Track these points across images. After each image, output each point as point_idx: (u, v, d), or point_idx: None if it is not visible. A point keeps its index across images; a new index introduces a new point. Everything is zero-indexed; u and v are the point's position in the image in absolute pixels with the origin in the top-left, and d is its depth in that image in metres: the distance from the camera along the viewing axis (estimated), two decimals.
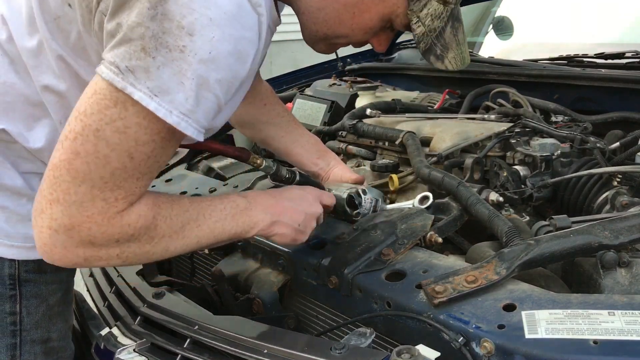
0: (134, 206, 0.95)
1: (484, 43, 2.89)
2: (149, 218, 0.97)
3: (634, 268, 1.06)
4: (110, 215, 0.93)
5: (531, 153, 1.53)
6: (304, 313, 1.35)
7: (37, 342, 1.17)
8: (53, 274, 1.16)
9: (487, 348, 0.94)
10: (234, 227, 1.10)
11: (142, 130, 0.90)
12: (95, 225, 0.92)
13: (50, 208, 0.91)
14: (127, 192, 0.93)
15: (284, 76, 2.77)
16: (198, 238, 1.05)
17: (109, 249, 0.95)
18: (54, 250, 0.93)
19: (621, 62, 2.07)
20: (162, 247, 1.01)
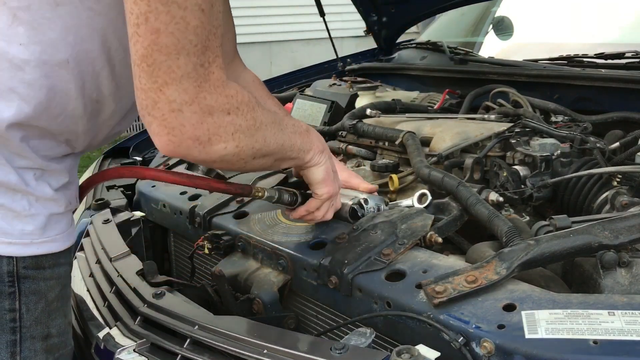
0: (229, 83, 1.00)
1: (484, 43, 2.89)
2: (246, 95, 1.03)
3: (634, 268, 1.06)
4: (214, 84, 0.96)
5: (531, 153, 1.53)
6: (304, 313, 1.35)
7: (37, 339, 1.16)
8: (51, 269, 1.15)
9: (487, 348, 0.94)
10: (300, 144, 1.18)
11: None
12: (208, 94, 0.95)
13: (163, 94, 0.92)
14: (214, 53, 0.96)
15: (284, 76, 2.78)
16: (283, 141, 1.13)
17: (226, 124, 0.99)
18: (183, 132, 0.95)
19: (621, 62, 2.07)
20: (262, 134, 1.07)
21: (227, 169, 1.12)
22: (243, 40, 8.16)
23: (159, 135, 0.96)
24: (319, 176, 1.26)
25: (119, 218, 1.72)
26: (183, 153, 0.99)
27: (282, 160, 1.19)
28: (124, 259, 1.47)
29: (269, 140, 1.10)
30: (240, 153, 1.05)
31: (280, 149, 1.14)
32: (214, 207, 1.57)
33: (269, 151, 1.12)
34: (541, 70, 2.11)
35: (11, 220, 1.10)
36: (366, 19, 2.72)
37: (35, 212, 1.10)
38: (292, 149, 1.17)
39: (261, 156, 1.11)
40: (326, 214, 1.33)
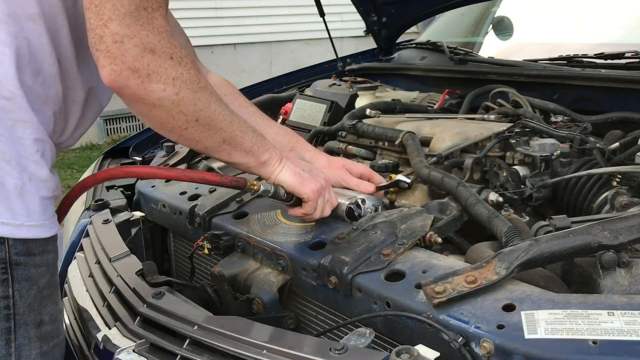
0: (174, 37, 1.08)
1: (483, 43, 2.89)
2: (190, 56, 1.11)
3: (634, 268, 1.06)
4: (157, 28, 1.05)
5: (531, 153, 1.53)
6: (304, 313, 1.35)
7: (30, 326, 1.17)
8: (40, 256, 1.17)
9: (487, 348, 0.94)
10: (254, 139, 1.23)
11: None
12: (150, 34, 1.04)
13: (108, 28, 1.02)
14: (157, 3, 1.06)
15: (284, 76, 2.78)
16: (231, 120, 1.18)
17: (168, 65, 1.06)
18: (124, 62, 1.03)
19: (621, 62, 2.07)
20: (206, 96, 1.13)
21: (168, 127, 1.13)
22: (243, 40, 8.19)
23: (103, 67, 1.04)
24: (291, 179, 1.28)
25: (118, 218, 1.72)
26: (122, 83, 1.05)
27: (233, 147, 1.21)
28: (123, 259, 1.47)
29: (214, 108, 1.15)
30: (181, 104, 1.10)
31: (229, 127, 1.18)
32: (213, 207, 1.57)
33: (215, 121, 1.15)
34: (541, 70, 2.11)
35: (3, 199, 1.10)
36: (366, 19, 2.72)
37: (27, 192, 1.12)
38: (244, 137, 1.21)
39: (206, 124, 1.15)
40: (323, 211, 1.34)
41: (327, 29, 2.68)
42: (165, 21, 1.08)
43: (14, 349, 1.14)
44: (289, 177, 1.29)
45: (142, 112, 1.13)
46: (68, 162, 6.38)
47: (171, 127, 1.14)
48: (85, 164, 5.94)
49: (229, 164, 1.29)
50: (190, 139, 1.17)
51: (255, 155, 1.25)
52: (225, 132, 1.19)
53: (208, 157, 1.96)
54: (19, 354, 1.14)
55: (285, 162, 1.29)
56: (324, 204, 1.33)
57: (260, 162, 1.26)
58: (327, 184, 1.34)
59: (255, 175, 1.33)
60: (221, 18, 7.85)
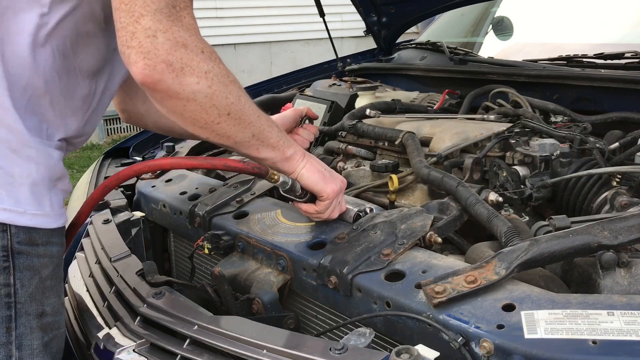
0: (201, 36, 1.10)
1: (483, 43, 2.89)
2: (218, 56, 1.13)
3: (633, 268, 1.06)
4: (186, 25, 1.07)
5: (530, 153, 1.53)
6: (304, 313, 1.35)
7: (32, 316, 1.17)
8: (44, 247, 1.18)
9: (487, 348, 0.94)
10: (280, 134, 1.25)
11: None
12: (181, 29, 1.06)
13: (140, 24, 1.04)
14: (184, 3, 1.09)
15: (284, 76, 2.78)
16: (259, 114, 1.20)
17: (200, 59, 1.08)
18: (157, 55, 1.04)
19: (620, 62, 2.07)
20: (236, 90, 1.15)
21: (201, 122, 1.14)
22: (243, 41, 8.18)
23: (135, 63, 1.05)
24: (315, 177, 1.29)
25: (119, 218, 1.72)
26: (157, 77, 1.05)
27: (261, 142, 1.22)
28: (123, 259, 1.47)
29: (244, 102, 1.16)
30: (214, 97, 1.11)
31: (258, 121, 1.19)
32: (214, 207, 1.57)
33: (245, 115, 1.17)
34: (541, 71, 2.11)
35: (7, 186, 1.11)
36: (366, 19, 2.72)
37: (33, 181, 1.13)
38: (271, 132, 1.23)
39: (237, 117, 1.16)
40: (332, 213, 1.35)
41: (327, 29, 2.68)
42: (194, 19, 1.10)
43: (15, 338, 1.15)
44: (313, 174, 1.30)
45: (175, 109, 1.12)
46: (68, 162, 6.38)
47: (204, 122, 1.14)
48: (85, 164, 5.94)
49: (255, 160, 1.29)
50: (222, 134, 1.18)
51: (281, 150, 1.25)
52: (254, 126, 1.19)
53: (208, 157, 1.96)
54: (20, 342, 1.15)
55: (308, 158, 1.30)
56: (335, 206, 1.35)
57: (285, 157, 1.27)
58: (343, 186, 1.36)
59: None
60: (221, 18, 7.85)
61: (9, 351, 1.14)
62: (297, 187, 1.29)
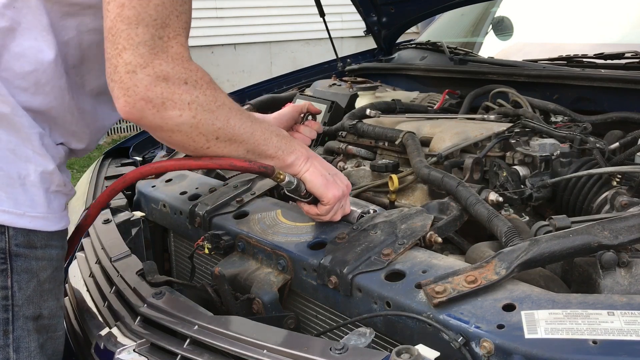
0: (191, 61, 1.09)
1: (483, 43, 2.89)
2: (209, 77, 1.11)
3: (634, 268, 1.06)
4: (172, 56, 1.06)
5: (531, 153, 1.53)
6: (304, 313, 1.35)
7: (29, 319, 1.17)
8: (43, 250, 1.17)
9: (487, 348, 0.94)
10: (278, 144, 1.23)
11: None
12: (164, 62, 1.05)
13: (122, 57, 1.03)
14: (175, 32, 1.06)
15: (284, 76, 2.78)
16: (252, 130, 1.18)
17: (182, 91, 1.06)
18: (137, 92, 1.04)
19: (620, 62, 2.07)
20: (224, 114, 1.13)
21: (190, 148, 1.15)
22: (243, 41, 8.18)
23: (117, 98, 1.05)
24: (317, 181, 1.29)
25: (119, 218, 1.72)
26: (138, 115, 1.06)
27: (258, 155, 1.22)
28: (124, 259, 1.47)
29: (234, 123, 1.15)
30: (199, 126, 1.10)
31: (251, 137, 1.18)
32: (214, 207, 1.57)
33: (236, 136, 1.16)
34: (541, 71, 2.12)
35: (6, 187, 1.11)
36: (366, 19, 2.73)
37: (32, 183, 1.13)
38: (267, 144, 1.21)
39: (227, 139, 1.15)
40: (335, 216, 1.36)
41: (327, 29, 2.68)
42: (183, 47, 1.08)
43: (12, 340, 1.14)
44: (315, 178, 1.29)
45: (163, 138, 1.13)
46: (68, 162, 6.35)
47: (193, 148, 1.15)
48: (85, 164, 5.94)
49: None
50: (214, 154, 1.18)
51: (280, 158, 1.25)
52: (247, 143, 1.19)
53: None
54: (18, 345, 1.15)
55: (312, 162, 1.29)
56: (337, 209, 1.35)
57: (286, 165, 1.27)
58: (347, 190, 1.36)
59: None
60: (221, 18, 7.86)
61: (7, 354, 1.13)
62: (301, 188, 1.29)
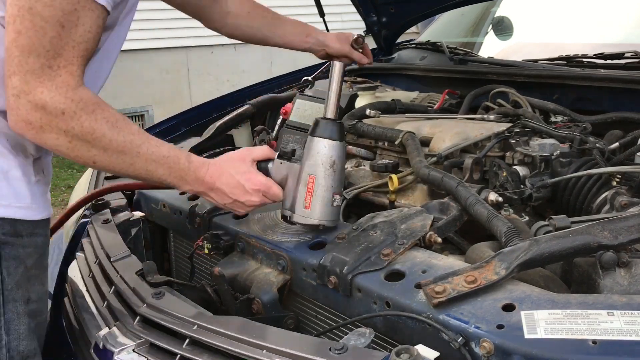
0: (79, 88, 1.16)
1: (483, 43, 2.89)
2: (90, 105, 1.17)
3: (633, 268, 1.06)
4: (57, 84, 1.13)
5: (530, 153, 1.53)
6: (304, 313, 1.35)
7: (19, 302, 1.26)
8: (28, 237, 1.27)
9: (487, 348, 0.94)
10: (165, 176, 1.28)
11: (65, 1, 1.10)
12: (46, 90, 1.12)
13: (10, 80, 1.12)
14: (67, 61, 1.13)
15: (284, 76, 2.77)
16: (132, 161, 1.23)
17: (59, 120, 1.14)
18: (19, 114, 1.13)
19: (620, 62, 2.07)
20: (102, 145, 1.19)
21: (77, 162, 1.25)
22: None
23: (7, 114, 1.15)
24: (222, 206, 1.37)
25: (118, 218, 1.72)
26: (20, 132, 1.16)
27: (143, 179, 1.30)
28: (123, 259, 1.47)
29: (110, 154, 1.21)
30: (75, 150, 1.18)
31: (130, 167, 1.24)
32: (214, 207, 1.57)
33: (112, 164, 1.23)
34: (540, 71, 2.11)
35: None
36: (366, 19, 2.72)
37: (13, 176, 1.24)
38: (151, 175, 1.27)
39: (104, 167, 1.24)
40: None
41: (327, 29, 2.67)
42: (72, 76, 1.14)
43: (3, 323, 1.23)
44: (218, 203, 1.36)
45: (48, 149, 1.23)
46: (68, 162, 6.37)
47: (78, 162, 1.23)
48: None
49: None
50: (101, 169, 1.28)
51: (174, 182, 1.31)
52: (127, 171, 1.25)
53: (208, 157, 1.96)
54: (8, 327, 1.23)
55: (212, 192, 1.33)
56: (262, 203, 1.37)
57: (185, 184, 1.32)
58: (262, 189, 1.34)
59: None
60: None
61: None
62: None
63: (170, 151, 1.28)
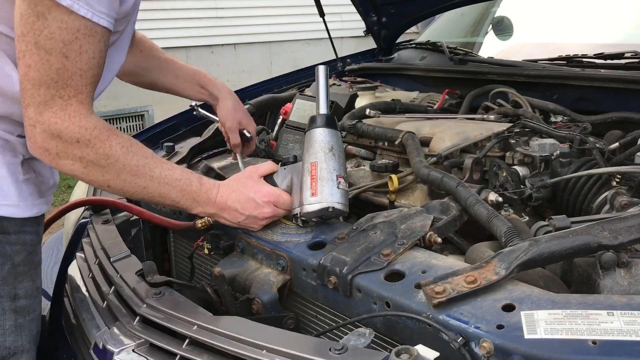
0: (91, 116, 1.20)
1: (483, 43, 2.89)
2: (104, 132, 1.21)
3: (633, 268, 1.06)
4: (70, 114, 1.17)
5: (530, 153, 1.53)
6: (304, 313, 1.35)
7: (4, 298, 1.28)
8: (16, 235, 1.30)
9: (486, 348, 0.94)
10: (178, 200, 1.33)
11: (65, 32, 1.12)
12: (60, 120, 1.17)
13: (27, 111, 1.17)
14: (76, 90, 1.17)
15: (284, 76, 2.77)
16: (145, 185, 1.28)
17: (74, 148, 1.19)
18: (36, 142, 1.19)
19: (620, 62, 2.07)
20: (116, 170, 1.23)
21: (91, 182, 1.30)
22: (243, 41, 8.18)
23: (27, 140, 1.20)
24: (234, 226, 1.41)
25: (118, 218, 1.72)
26: (39, 157, 1.22)
27: (156, 203, 1.37)
28: (123, 260, 1.47)
29: (124, 178, 1.25)
30: (90, 175, 1.23)
31: (143, 191, 1.29)
32: None
33: (125, 188, 1.27)
34: (540, 71, 2.11)
35: None
36: (366, 19, 2.72)
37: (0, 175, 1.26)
38: (164, 198, 1.31)
39: (118, 190, 1.28)
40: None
41: (327, 29, 2.68)
42: (83, 105, 1.19)
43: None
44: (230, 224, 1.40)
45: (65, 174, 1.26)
46: None
47: (93, 185, 1.30)
48: None
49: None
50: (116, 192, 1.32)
51: (185, 206, 1.35)
52: (140, 194, 1.30)
53: (208, 157, 1.96)
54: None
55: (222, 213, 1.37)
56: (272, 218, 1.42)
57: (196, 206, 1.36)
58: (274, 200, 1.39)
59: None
60: (221, 18, 7.85)
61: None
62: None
63: (183, 174, 1.32)
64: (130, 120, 7.75)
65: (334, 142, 1.39)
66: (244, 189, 1.37)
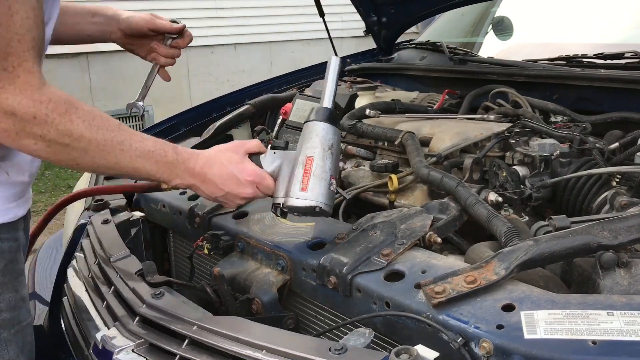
0: (44, 87, 1.08)
1: (483, 43, 2.89)
2: (61, 105, 1.10)
3: (633, 268, 1.06)
4: (20, 87, 1.06)
5: (530, 153, 1.53)
6: (303, 313, 1.35)
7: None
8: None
9: (486, 348, 0.94)
10: (154, 172, 1.22)
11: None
12: (10, 95, 1.05)
13: None
14: (20, 58, 1.05)
15: (284, 76, 2.77)
16: (117, 160, 1.17)
17: (32, 125, 1.07)
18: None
19: (620, 62, 2.07)
20: (82, 147, 1.13)
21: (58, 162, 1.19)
22: (243, 41, 8.18)
23: None
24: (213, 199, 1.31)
25: (118, 218, 1.72)
26: (0, 141, 1.10)
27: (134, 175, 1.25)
28: (123, 260, 1.47)
29: (94, 156, 1.15)
30: (56, 154, 1.13)
31: (115, 166, 1.18)
32: (213, 207, 1.57)
33: (96, 165, 1.17)
34: (540, 71, 2.11)
35: None
36: (366, 19, 2.72)
37: None
38: (138, 172, 1.21)
39: (88, 167, 1.20)
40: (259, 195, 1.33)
41: (327, 29, 2.67)
42: (31, 74, 1.07)
43: None
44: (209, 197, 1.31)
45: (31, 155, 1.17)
46: None
47: (61, 165, 1.18)
48: None
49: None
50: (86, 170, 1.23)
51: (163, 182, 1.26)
52: (113, 170, 1.19)
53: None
54: None
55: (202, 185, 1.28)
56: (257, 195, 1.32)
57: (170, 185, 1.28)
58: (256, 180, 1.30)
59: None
60: (221, 18, 7.85)
61: None
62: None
63: (156, 145, 1.22)
64: (131, 120, 7.74)
65: (334, 141, 1.34)
66: (228, 163, 1.27)
